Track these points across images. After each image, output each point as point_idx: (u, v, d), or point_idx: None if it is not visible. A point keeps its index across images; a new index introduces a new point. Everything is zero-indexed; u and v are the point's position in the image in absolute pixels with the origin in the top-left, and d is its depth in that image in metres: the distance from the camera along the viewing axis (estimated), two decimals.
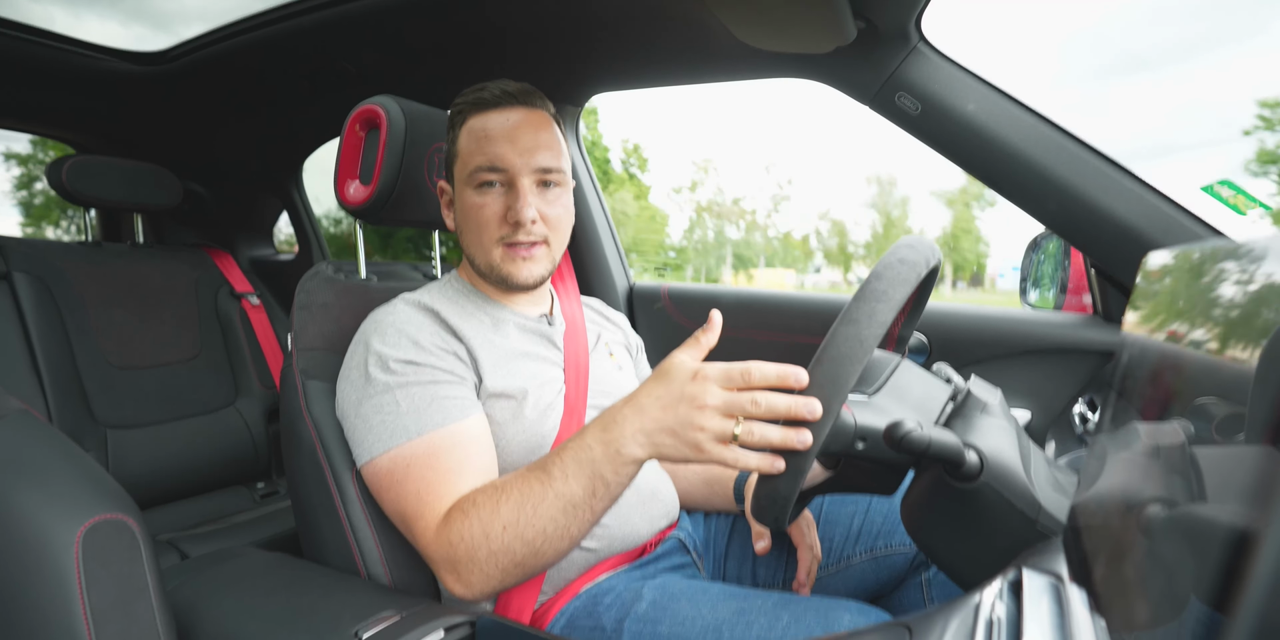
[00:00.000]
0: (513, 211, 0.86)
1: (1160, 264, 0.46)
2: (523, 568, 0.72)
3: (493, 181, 0.87)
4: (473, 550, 0.71)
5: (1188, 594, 0.28)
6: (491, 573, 0.72)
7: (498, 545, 0.70)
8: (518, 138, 0.87)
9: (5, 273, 1.53)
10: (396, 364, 0.81)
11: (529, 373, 0.89)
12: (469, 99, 0.90)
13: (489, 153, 0.86)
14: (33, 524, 0.61)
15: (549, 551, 0.71)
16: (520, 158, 0.86)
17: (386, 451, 0.78)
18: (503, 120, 0.88)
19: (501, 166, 0.86)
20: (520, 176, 0.87)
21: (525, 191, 0.87)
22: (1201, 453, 0.32)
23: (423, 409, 0.79)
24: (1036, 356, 1.18)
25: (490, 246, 0.89)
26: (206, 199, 2.10)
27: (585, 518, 0.70)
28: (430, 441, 0.78)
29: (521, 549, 0.70)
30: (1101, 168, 1.00)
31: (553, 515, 0.69)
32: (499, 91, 0.89)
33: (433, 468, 0.77)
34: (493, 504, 0.72)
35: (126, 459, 1.59)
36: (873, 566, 0.93)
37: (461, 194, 0.90)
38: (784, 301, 1.45)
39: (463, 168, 0.89)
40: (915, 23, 1.00)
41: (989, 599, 0.45)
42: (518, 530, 0.70)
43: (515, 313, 0.96)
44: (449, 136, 0.93)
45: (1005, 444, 0.60)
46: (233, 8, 1.40)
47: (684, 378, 0.65)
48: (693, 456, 0.64)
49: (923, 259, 0.65)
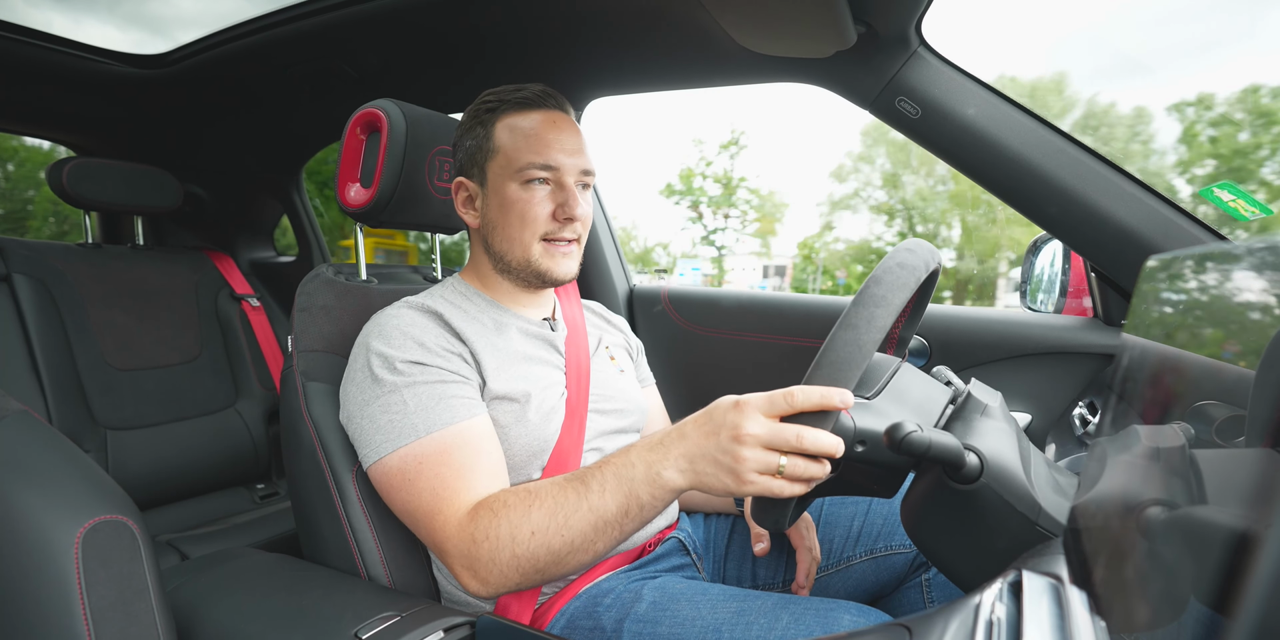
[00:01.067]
0: (565, 208, 0.89)
1: (1160, 267, 0.46)
2: (542, 574, 0.72)
3: (543, 178, 0.89)
4: (496, 551, 0.71)
5: (1187, 596, 0.28)
6: (510, 575, 0.71)
7: (523, 550, 0.70)
8: (565, 139, 0.90)
9: (6, 274, 1.53)
10: (403, 364, 0.81)
11: (532, 376, 0.89)
12: (507, 97, 0.91)
13: (542, 151, 0.88)
14: (33, 525, 0.62)
15: (571, 563, 0.71)
16: (569, 158, 0.89)
17: (396, 450, 0.78)
18: (549, 121, 0.90)
19: (554, 165, 0.88)
20: (567, 176, 0.89)
21: (575, 189, 0.90)
22: (1201, 455, 0.33)
23: (430, 408, 0.79)
24: (1037, 359, 1.19)
25: (530, 241, 0.91)
26: (207, 201, 2.11)
27: (613, 536, 0.70)
28: (440, 439, 0.78)
29: (546, 557, 0.70)
30: (1102, 172, 1.00)
31: (582, 528, 0.69)
32: (540, 90, 0.92)
33: (446, 464, 0.77)
34: (524, 507, 0.71)
35: (126, 460, 1.59)
36: (873, 568, 0.93)
37: (502, 189, 0.90)
38: (784, 304, 1.45)
39: (507, 163, 0.89)
40: (915, 27, 1.00)
41: (989, 600, 0.45)
42: (545, 538, 0.70)
43: (518, 316, 0.96)
44: (475, 132, 0.92)
45: (1005, 446, 0.60)
46: (230, 12, 1.41)
47: (726, 406, 0.64)
48: (733, 487, 0.62)
49: (922, 263, 0.65)
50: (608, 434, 0.95)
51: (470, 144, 0.93)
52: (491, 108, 0.91)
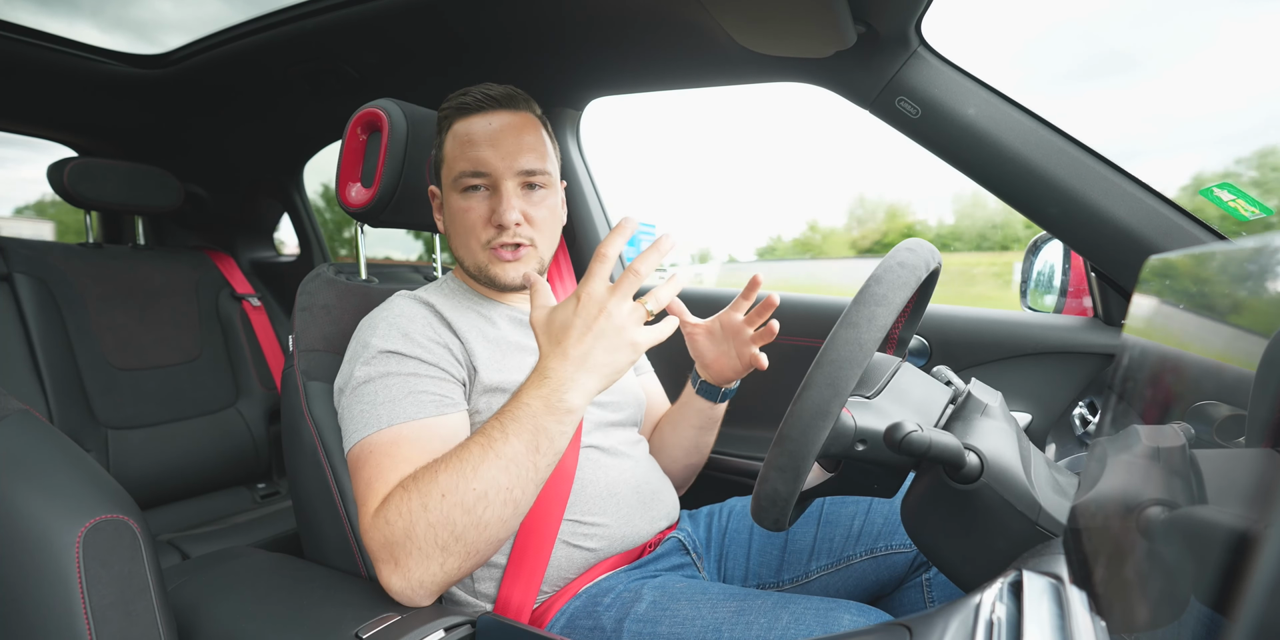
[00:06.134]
0: (496, 214, 0.88)
1: (1160, 267, 0.46)
2: (463, 543, 0.67)
3: (477, 185, 0.89)
4: (410, 526, 0.66)
5: (1188, 596, 0.29)
6: (430, 551, 0.67)
7: (436, 516, 0.66)
8: (500, 141, 0.88)
9: (6, 274, 1.53)
10: (381, 355, 0.81)
11: (525, 366, 0.89)
12: (453, 104, 0.91)
13: (471, 157, 0.87)
14: (34, 524, 0.62)
15: (491, 520, 0.67)
16: (503, 161, 0.87)
17: (359, 440, 0.77)
18: (485, 124, 0.89)
19: (484, 170, 0.87)
20: (504, 179, 0.88)
21: (509, 194, 0.88)
22: (1202, 455, 0.33)
23: (397, 400, 0.78)
24: (1037, 359, 1.19)
25: (477, 249, 0.91)
26: (207, 201, 2.11)
27: (529, 477, 0.67)
28: (395, 433, 0.76)
29: (462, 518, 0.66)
30: (1102, 171, 1.00)
31: (493, 475, 0.66)
32: (481, 95, 0.90)
33: (389, 456, 0.74)
34: (430, 475, 0.68)
35: (127, 459, 1.59)
36: (873, 567, 0.93)
37: (448, 198, 0.92)
38: (784, 304, 1.45)
39: (448, 172, 0.90)
40: (915, 27, 1.00)
41: (989, 600, 0.45)
42: (457, 497, 0.66)
43: (510, 307, 0.97)
44: (435, 141, 0.94)
45: (1005, 446, 0.60)
46: (212, 16, 1.42)
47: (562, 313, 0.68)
48: (633, 352, 0.67)
49: (922, 262, 0.65)
50: (604, 427, 0.95)
51: (434, 153, 0.94)
52: (445, 115, 0.92)
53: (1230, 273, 0.36)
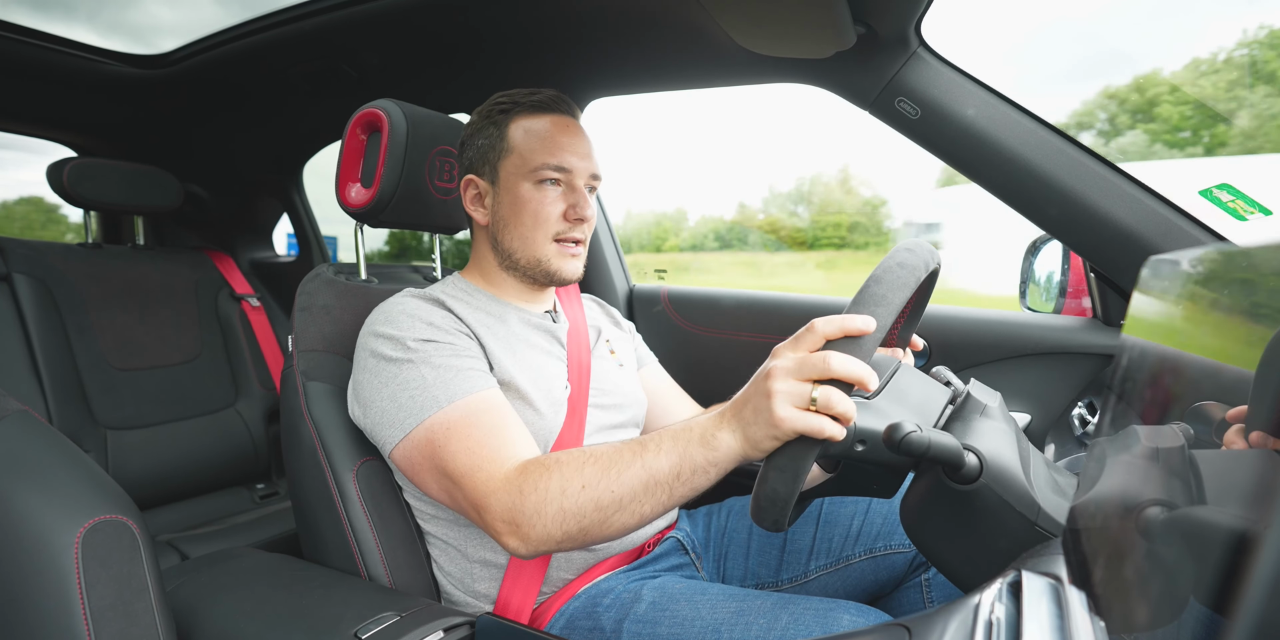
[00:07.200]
0: (576, 208, 0.91)
1: (1160, 268, 0.46)
2: (585, 533, 0.70)
3: (556, 179, 0.91)
4: (543, 503, 0.69)
5: (1187, 596, 0.29)
6: (553, 530, 0.69)
7: (571, 503, 0.68)
8: (578, 144, 0.92)
9: (6, 274, 1.53)
10: (415, 343, 0.81)
11: (535, 364, 0.90)
12: (520, 100, 0.93)
13: (556, 153, 0.90)
14: (33, 525, 0.62)
15: (615, 524, 0.69)
16: (581, 162, 0.92)
17: (421, 423, 0.78)
18: (564, 124, 0.93)
19: (567, 167, 0.91)
20: (578, 178, 0.92)
21: (584, 192, 0.93)
22: (1201, 455, 0.33)
23: (450, 380, 0.79)
24: (1036, 359, 1.19)
25: (543, 241, 0.92)
26: (207, 201, 2.11)
27: (660, 499, 0.68)
28: (464, 406, 0.78)
29: (593, 513, 0.68)
30: (1101, 172, 1.00)
31: (633, 485, 0.67)
32: (554, 96, 0.94)
33: (476, 426, 0.77)
34: (578, 463, 0.70)
35: (126, 460, 1.59)
36: (872, 567, 0.93)
37: (515, 187, 0.92)
38: (784, 304, 1.45)
39: (521, 162, 0.91)
40: (915, 27, 1.00)
41: (988, 600, 0.45)
42: (595, 493, 0.68)
43: (520, 309, 0.97)
44: (487, 132, 0.94)
45: (1004, 446, 0.60)
46: (209, 20, 1.42)
47: (765, 365, 0.65)
48: (770, 427, 0.60)
49: (922, 262, 0.65)
50: (606, 428, 0.95)
51: (482, 142, 0.94)
52: (505, 109, 0.93)
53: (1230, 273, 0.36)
